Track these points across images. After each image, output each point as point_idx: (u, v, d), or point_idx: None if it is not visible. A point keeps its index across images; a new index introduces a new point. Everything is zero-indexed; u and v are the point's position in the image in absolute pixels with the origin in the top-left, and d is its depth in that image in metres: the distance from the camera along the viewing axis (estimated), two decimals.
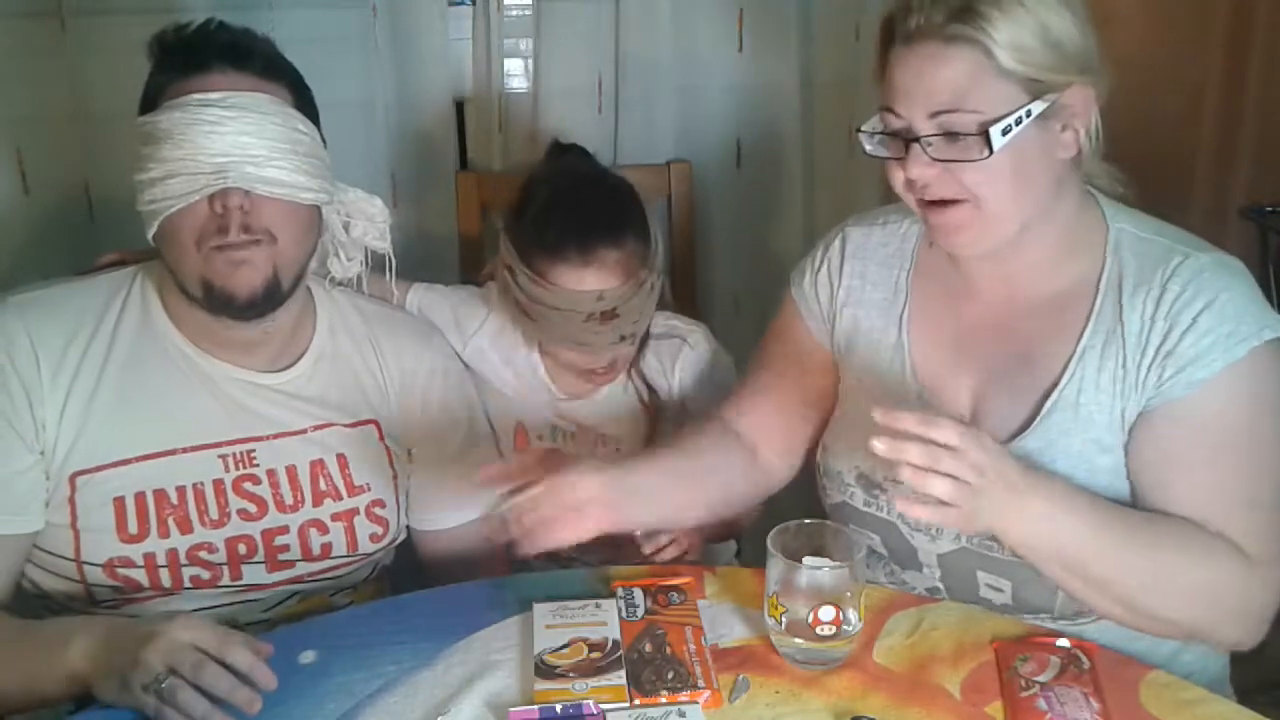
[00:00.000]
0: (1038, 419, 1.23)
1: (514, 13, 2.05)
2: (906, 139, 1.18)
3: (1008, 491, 1.09)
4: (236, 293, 1.30)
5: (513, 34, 2.06)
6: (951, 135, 1.16)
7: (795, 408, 1.44)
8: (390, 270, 1.57)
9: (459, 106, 2.08)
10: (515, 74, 2.09)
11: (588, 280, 1.49)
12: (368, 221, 1.49)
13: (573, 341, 1.53)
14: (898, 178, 1.22)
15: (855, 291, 1.38)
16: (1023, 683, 1.10)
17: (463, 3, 2.04)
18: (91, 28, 1.85)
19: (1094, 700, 1.07)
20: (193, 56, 1.31)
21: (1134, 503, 1.22)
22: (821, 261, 1.42)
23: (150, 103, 1.32)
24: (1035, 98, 1.16)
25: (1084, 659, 1.13)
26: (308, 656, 1.17)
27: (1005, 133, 1.14)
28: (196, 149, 1.26)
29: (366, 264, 1.54)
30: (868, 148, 1.24)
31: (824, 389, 1.43)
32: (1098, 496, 1.18)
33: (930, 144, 1.17)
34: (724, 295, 2.20)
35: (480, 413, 1.63)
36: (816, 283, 1.42)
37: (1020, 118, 1.15)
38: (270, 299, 1.33)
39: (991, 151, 1.15)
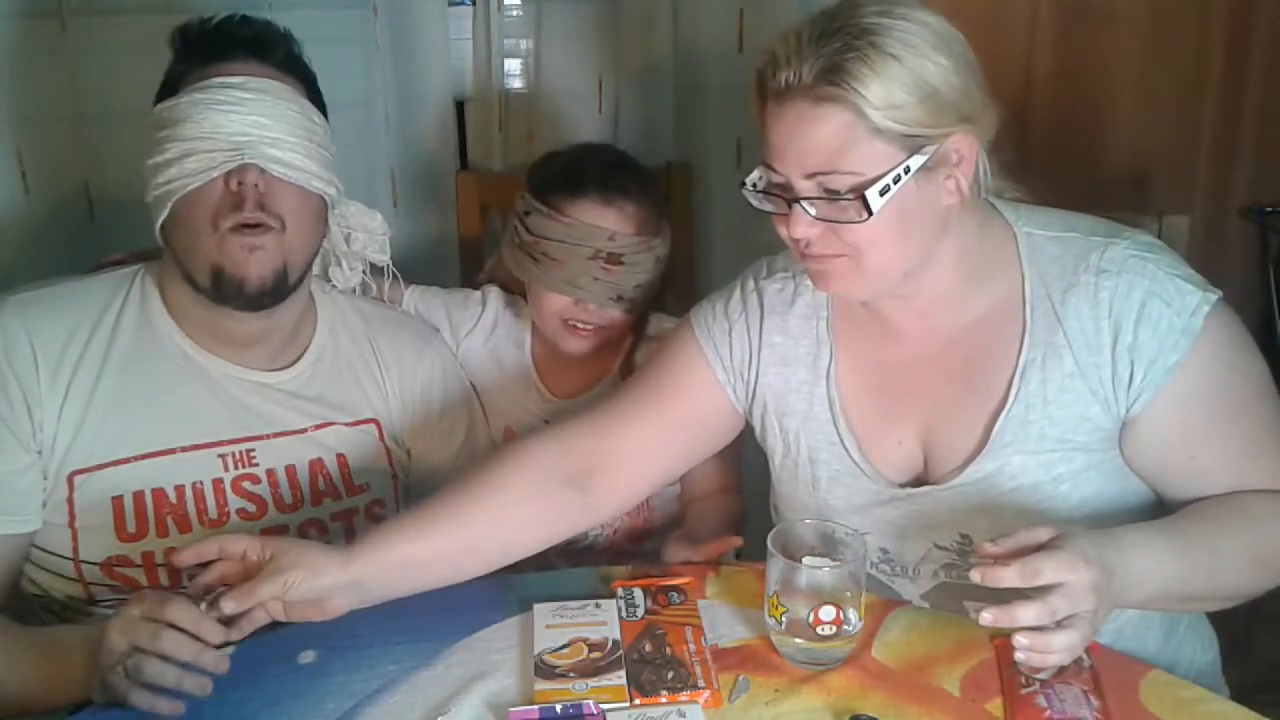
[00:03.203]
0: (989, 443, 1.22)
1: (514, 13, 2.05)
2: (788, 198, 1.16)
3: (1115, 582, 1.05)
4: (247, 279, 1.30)
5: (513, 34, 2.06)
6: (831, 195, 1.13)
7: (665, 448, 1.37)
8: (389, 280, 1.59)
9: (459, 106, 2.08)
10: (515, 74, 2.09)
11: (605, 218, 1.54)
12: (367, 235, 1.50)
13: (570, 285, 1.54)
14: (782, 232, 1.19)
15: (779, 349, 1.33)
16: (1022, 680, 1.10)
17: (463, 3, 2.04)
18: (91, 28, 1.85)
19: (1094, 698, 1.07)
20: (215, 46, 1.34)
21: (1159, 495, 1.23)
22: (738, 315, 1.35)
23: (169, 91, 1.34)
24: (913, 152, 1.12)
25: (1085, 657, 1.13)
26: (308, 656, 1.17)
27: (883, 193, 1.11)
28: (215, 127, 1.28)
29: (366, 273, 1.56)
30: (753, 202, 1.20)
31: (706, 440, 1.40)
32: (1161, 525, 1.17)
33: (812, 205, 1.14)
34: None
35: (480, 415, 1.63)
36: (731, 335, 1.35)
37: (898, 175, 1.11)
38: (277, 290, 1.34)
39: (870, 214, 1.11)
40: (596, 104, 2.09)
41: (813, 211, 1.14)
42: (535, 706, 1.08)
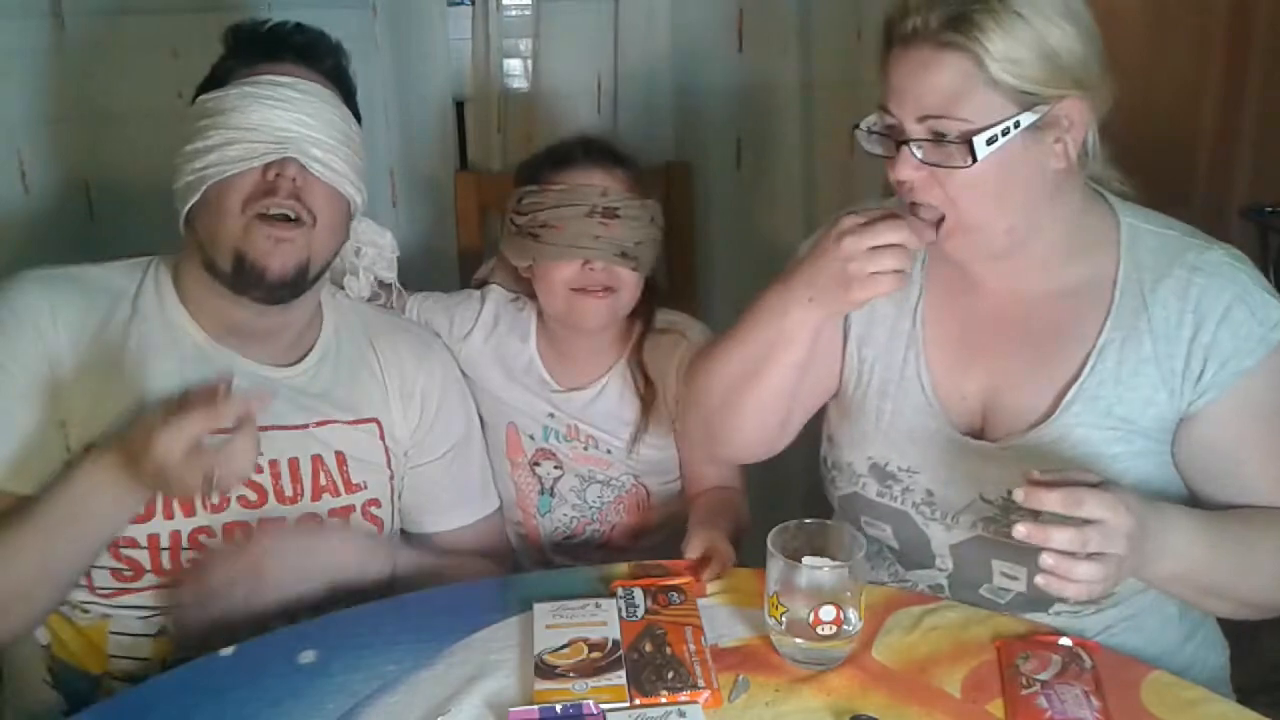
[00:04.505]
0: (1056, 412, 1.24)
1: (514, 13, 2.05)
2: (897, 140, 1.19)
3: (1148, 543, 1.08)
4: (269, 270, 1.33)
5: (512, 34, 2.06)
6: (938, 140, 1.17)
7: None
8: (394, 294, 1.61)
9: (459, 106, 2.08)
10: (515, 74, 2.09)
11: (594, 177, 1.56)
12: (376, 251, 1.54)
13: (574, 246, 1.54)
14: (890, 176, 1.22)
15: None
16: (1024, 680, 1.10)
17: (462, 3, 2.04)
18: (91, 27, 1.85)
19: (1095, 699, 1.07)
20: (268, 47, 1.39)
21: (1190, 492, 1.25)
22: None
23: (216, 84, 1.37)
24: (1025, 109, 1.15)
25: (1086, 657, 1.13)
26: (308, 656, 1.17)
27: (990, 143, 1.15)
28: (262, 120, 1.32)
29: (375, 285, 1.58)
30: (863, 143, 1.24)
31: (827, 370, 1.40)
32: (1201, 513, 1.19)
33: (919, 147, 1.18)
34: (724, 295, 2.19)
35: (477, 422, 1.63)
36: None
37: (1007, 129, 1.15)
38: (297, 284, 1.36)
39: (975, 160, 1.15)
40: (596, 104, 2.09)
41: (919, 154, 1.18)
42: (535, 706, 1.08)
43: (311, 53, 1.40)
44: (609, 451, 1.63)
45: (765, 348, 1.29)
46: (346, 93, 1.44)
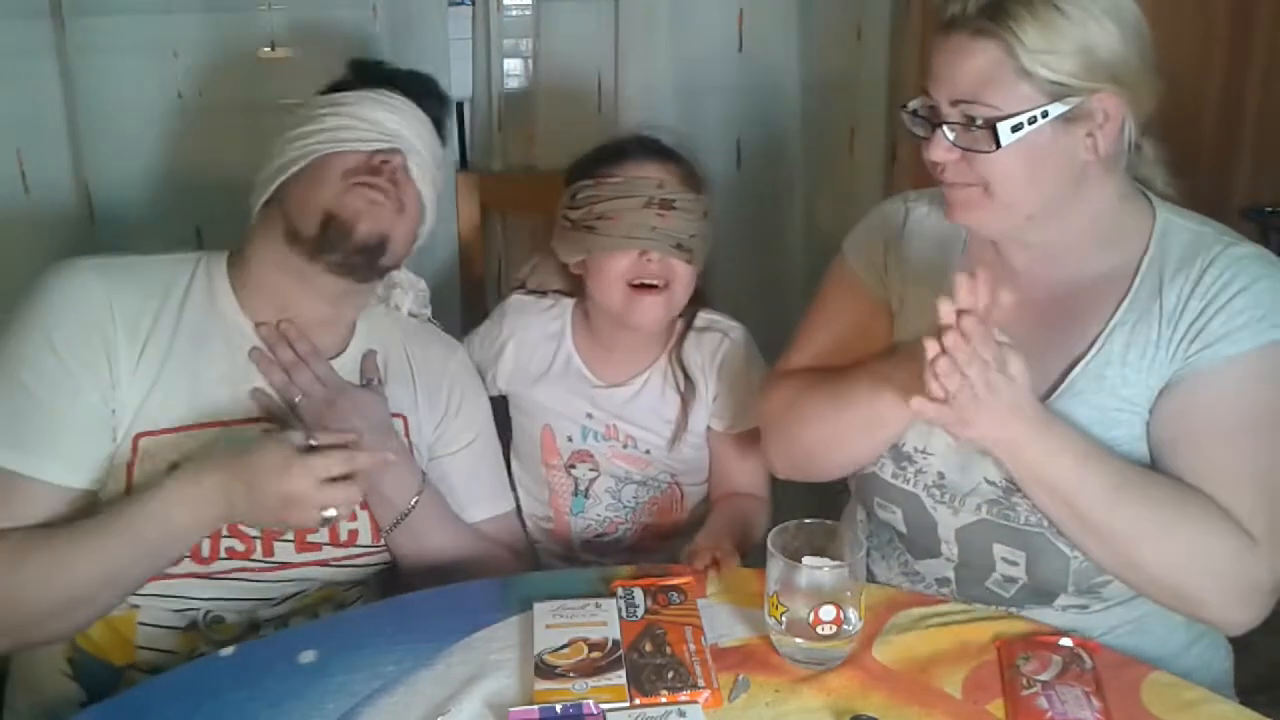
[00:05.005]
0: (1062, 386, 1.26)
1: (514, 13, 2.06)
2: (934, 122, 1.22)
3: (1012, 415, 1.14)
4: (357, 228, 1.39)
5: (513, 34, 2.06)
6: (968, 124, 1.19)
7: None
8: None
9: (459, 106, 2.08)
10: (515, 74, 2.09)
11: (651, 170, 1.57)
12: (413, 295, 1.61)
13: (630, 237, 1.54)
14: (925, 157, 1.25)
15: (910, 264, 1.39)
16: (1024, 681, 1.10)
17: (463, 3, 2.04)
18: (91, 28, 1.85)
19: (1095, 699, 1.07)
20: (385, 80, 1.50)
21: (1151, 468, 1.24)
22: (881, 230, 1.43)
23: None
24: (1055, 100, 1.17)
25: (1086, 658, 1.14)
26: (308, 656, 1.17)
27: (1015, 130, 1.17)
28: (377, 117, 1.43)
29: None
30: (906, 122, 1.28)
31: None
32: (1108, 449, 1.21)
33: (951, 130, 1.20)
34: (724, 295, 2.19)
35: (492, 424, 1.64)
36: (884, 248, 1.42)
37: (1035, 118, 1.17)
38: (374, 253, 1.41)
39: (998, 146, 1.17)
40: (596, 104, 2.09)
41: (951, 137, 1.21)
42: (535, 706, 1.08)
43: (422, 95, 1.50)
44: (648, 451, 1.63)
45: (859, 427, 1.33)
46: (445, 140, 1.54)
